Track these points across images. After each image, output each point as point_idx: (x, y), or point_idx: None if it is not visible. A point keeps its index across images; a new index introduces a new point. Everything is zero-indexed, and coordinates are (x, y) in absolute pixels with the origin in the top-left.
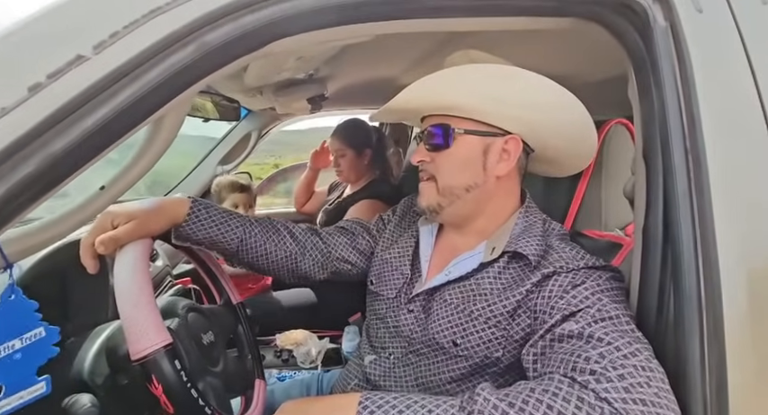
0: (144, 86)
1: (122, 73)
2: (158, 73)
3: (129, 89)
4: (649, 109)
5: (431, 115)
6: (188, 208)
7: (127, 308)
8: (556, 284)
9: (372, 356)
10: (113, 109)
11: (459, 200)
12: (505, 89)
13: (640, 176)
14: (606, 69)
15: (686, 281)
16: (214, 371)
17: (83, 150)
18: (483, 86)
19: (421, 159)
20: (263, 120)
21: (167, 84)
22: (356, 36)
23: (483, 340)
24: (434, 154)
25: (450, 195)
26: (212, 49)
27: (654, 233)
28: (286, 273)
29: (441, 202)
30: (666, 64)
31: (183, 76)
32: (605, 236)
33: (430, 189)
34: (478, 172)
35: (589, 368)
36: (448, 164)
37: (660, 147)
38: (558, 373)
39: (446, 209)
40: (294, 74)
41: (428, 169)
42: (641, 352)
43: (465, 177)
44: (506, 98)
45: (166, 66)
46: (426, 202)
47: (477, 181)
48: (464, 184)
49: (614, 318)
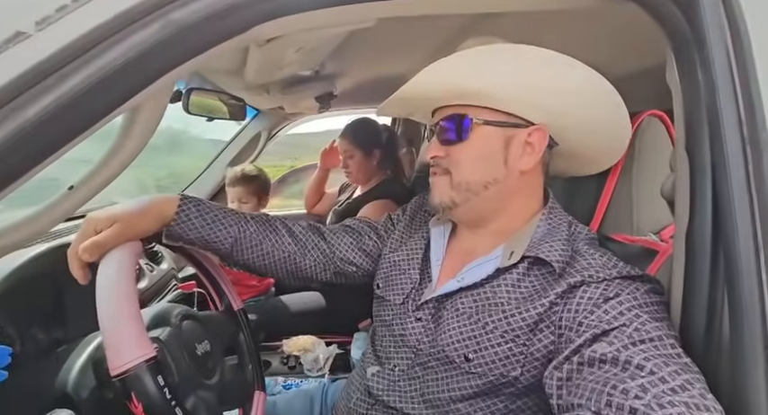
0: (100, 71)
1: (71, 54)
2: (116, 56)
3: (81, 74)
4: (694, 93)
5: (444, 107)
6: (176, 207)
7: (106, 319)
8: (585, 296)
9: (376, 367)
10: (61, 97)
11: (476, 197)
12: (533, 74)
13: (682, 173)
14: (638, 59)
15: (744, 296)
16: (208, 384)
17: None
18: (505, 71)
19: (435, 155)
20: (273, 121)
21: (130, 70)
22: (355, 21)
23: (499, 357)
24: (449, 147)
25: (467, 191)
26: (181, 30)
27: (701, 238)
28: (285, 274)
29: (454, 198)
30: (717, 39)
31: (150, 61)
32: (637, 241)
33: (443, 183)
34: (499, 167)
35: (629, 405)
36: (465, 158)
37: (708, 138)
38: (589, 408)
39: (460, 206)
40: (298, 69)
41: (442, 163)
42: (693, 385)
43: (484, 172)
44: (533, 84)
45: (126, 49)
46: (438, 198)
47: (497, 176)
48: (482, 180)
49: (656, 340)
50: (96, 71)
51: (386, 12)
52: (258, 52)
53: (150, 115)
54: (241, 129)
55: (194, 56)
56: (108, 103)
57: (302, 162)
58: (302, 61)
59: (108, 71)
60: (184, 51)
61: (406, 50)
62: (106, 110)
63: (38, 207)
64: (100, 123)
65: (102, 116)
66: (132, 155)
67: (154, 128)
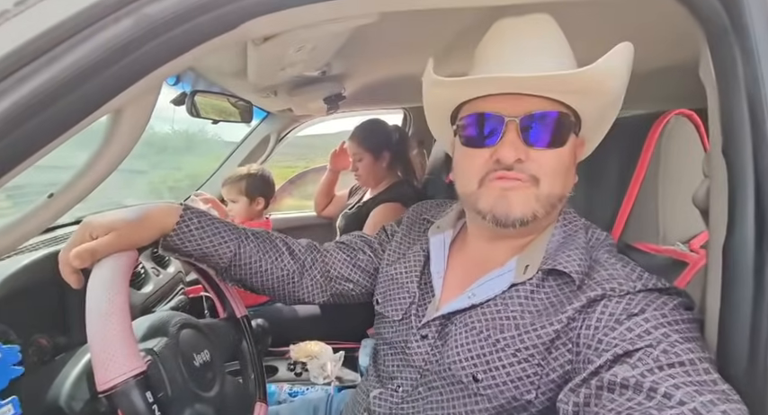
0: (64, 73)
1: (29, 55)
2: (83, 55)
3: (41, 76)
4: (734, 89)
5: (525, 95)
6: (178, 217)
7: (94, 332)
8: (606, 311)
9: (378, 389)
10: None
11: (553, 211)
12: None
13: (719, 179)
14: (664, 54)
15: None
16: (206, 396)
17: None
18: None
19: (519, 157)
20: (282, 123)
21: (102, 70)
22: (354, 16)
23: (511, 378)
24: (537, 152)
25: (548, 204)
26: (158, 26)
27: (742, 252)
28: (282, 294)
29: (537, 212)
30: (762, 27)
31: (126, 60)
32: (664, 251)
33: (529, 194)
34: (572, 177)
35: None
36: (558, 167)
37: (751, 139)
38: None
39: (536, 221)
40: (303, 70)
41: (527, 169)
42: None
43: (567, 185)
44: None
45: (94, 47)
46: (521, 211)
47: (570, 188)
48: (563, 193)
49: (687, 364)
50: (59, 72)
51: (388, 5)
52: (257, 51)
53: (136, 117)
54: (250, 132)
55: (179, 54)
56: (79, 107)
57: (316, 163)
58: (306, 61)
59: (74, 72)
60: (166, 49)
61: (415, 49)
62: (79, 114)
63: (11, 217)
64: (75, 128)
65: (75, 121)
66: (118, 160)
67: (141, 130)
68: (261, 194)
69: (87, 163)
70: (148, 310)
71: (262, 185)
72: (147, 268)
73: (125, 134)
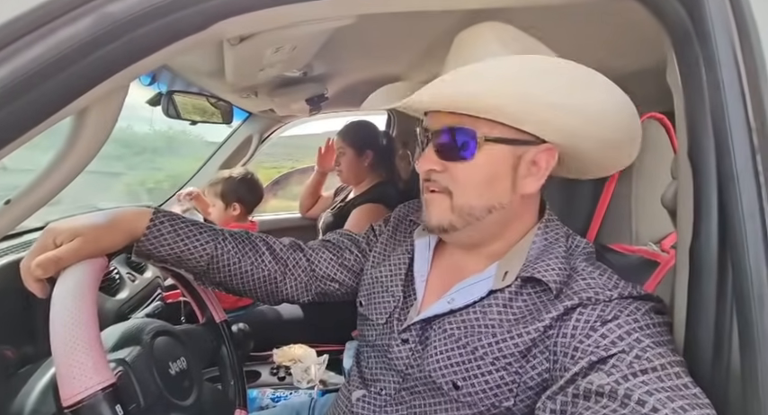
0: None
1: None
2: (38, 54)
3: None
4: (697, 94)
5: (441, 111)
6: (148, 221)
7: (58, 344)
8: (581, 319)
9: (361, 391)
10: None
11: (477, 222)
12: (555, 88)
13: (685, 181)
14: (636, 57)
15: (756, 320)
16: (182, 405)
17: None
18: (529, 84)
19: (431, 168)
20: (264, 123)
21: (60, 71)
22: (328, 17)
23: (490, 386)
24: (449, 163)
25: (468, 216)
26: (121, 25)
27: (706, 254)
28: (265, 295)
29: (454, 223)
30: (722, 35)
31: (86, 60)
32: (637, 251)
33: (442, 204)
34: (506, 191)
35: None
36: (469, 179)
37: (714, 144)
38: None
39: (460, 231)
40: (283, 70)
41: (440, 180)
42: None
43: (489, 196)
44: (550, 101)
45: (51, 46)
46: (437, 220)
47: (502, 201)
48: (487, 205)
49: (659, 369)
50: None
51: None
52: (233, 52)
53: (102, 119)
54: (231, 133)
55: (145, 55)
56: (37, 108)
57: (303, 163)
58: (285, 62)
59: (28, 72)
60: (131, 50)
61: (397, 50)
62: (38, 115)
63: None
64: (34, 130)
65: (34, 123)
66: (82, 163)
67: (107, 133)
68: (237, 200)
69: (48, 166)
70: (124, 317)
71: (240, 190)
72: (122, 273)
73: (90, 136)
